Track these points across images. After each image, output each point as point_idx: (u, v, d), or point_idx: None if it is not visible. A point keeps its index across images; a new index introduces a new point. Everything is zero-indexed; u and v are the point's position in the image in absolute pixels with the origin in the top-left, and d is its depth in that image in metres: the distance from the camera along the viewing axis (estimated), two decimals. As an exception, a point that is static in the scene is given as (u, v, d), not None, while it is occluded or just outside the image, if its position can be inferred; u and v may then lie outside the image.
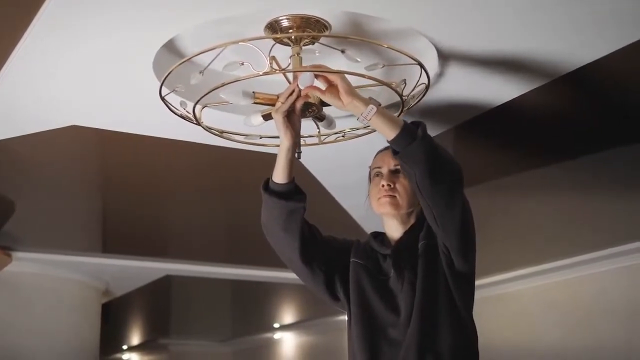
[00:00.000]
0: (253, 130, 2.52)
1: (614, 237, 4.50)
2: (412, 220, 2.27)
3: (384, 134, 2.04)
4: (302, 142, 2.41)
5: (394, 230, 2.28)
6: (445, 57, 2.37)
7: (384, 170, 2.27)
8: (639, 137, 3.27)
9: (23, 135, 2.92)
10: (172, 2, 2.05)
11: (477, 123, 2.92)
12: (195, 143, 3.03)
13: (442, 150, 2.07)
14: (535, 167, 3.59)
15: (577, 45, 2.33)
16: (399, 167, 2.23)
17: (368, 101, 2.06)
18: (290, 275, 5.68)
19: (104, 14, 2.09)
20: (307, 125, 2.52)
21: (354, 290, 2.26)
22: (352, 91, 2.07)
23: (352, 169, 3.25)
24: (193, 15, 2.13)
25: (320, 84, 2.11)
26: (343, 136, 2.62)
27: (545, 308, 5.39)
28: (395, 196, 2.23)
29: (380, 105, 2.07)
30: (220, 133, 2.59)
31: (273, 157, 2.21)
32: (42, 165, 3.60)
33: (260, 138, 2.62)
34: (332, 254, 2.32)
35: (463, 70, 2.46)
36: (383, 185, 2.24)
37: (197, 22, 2.17)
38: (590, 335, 5.01)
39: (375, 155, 2.34)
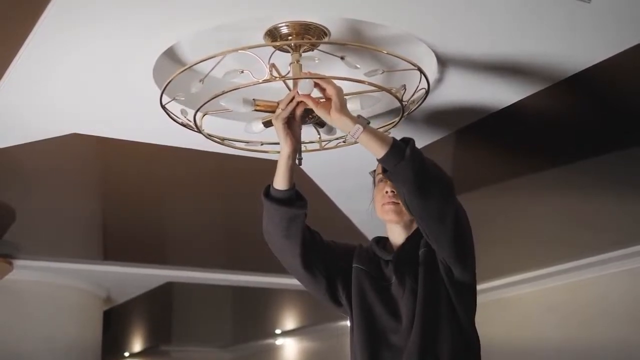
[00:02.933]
0: (254, 136, 2.53)
1: (615, 241, 4.49)
2: (415, 226, 2.27)
3: (373, 153, 2.04)
4: (303, 147, 2.41)
5: (397, 236, 2.28)
6: (444, 62, 2.37)
7: (388, 177, 2.26)
8: (640, 140, 3.27)
9: (24, 144, 2.93)
10: (171, 10, 2.05)
11: (478, 127, 2.92)
12: (196, 150, 3.04)
13: (431, 167, 2.06)
14: (536, 170, 3.59)
15: (576, 49, 2.33)
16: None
17: (356, 119, 2.05)
18: (291, 281, 5.68)
19: (104, 23, 2.10)
20: (308, 131, 2.52)
21: (355, 295, 2.26)
22: (342, 108, 2.06)
23: (352, 175, 3.26)
24: (193, 23, 2.13)
25: (317, 94, 2.11)
26: (344, 141, 2.62)
27: (546, 312, 5.38)
28: (398, 203, 2.23)
29: (369, 123, 2.06)
30: (222, 140, 2.59)
31: (274, 163, 2.21)
32: (43, 173, 3.60)
33: (262, 144, 2.62)
34: (333, 260, 2.31)
35: (462, 75, 2.46)
36: (387, 192, 2.24)
37: (197, 30, 2.17)
38: (592, 339, 5.01)
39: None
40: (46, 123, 2.77)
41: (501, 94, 2.62)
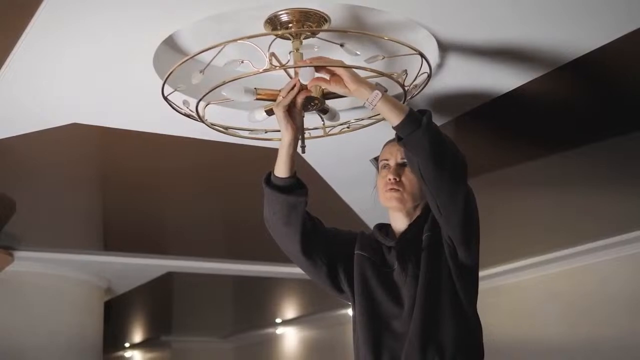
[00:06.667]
0: (257, 125, 2.53)
1: (616, 226, 4.50)
2: (418, 213, 2.27)
3: (389, 120, 2.05)
4: (307, 134, 2.41)
5: (400, 222, 2.28)
6: (445, 48, 2.37)
7: (392, 163, 2.27)
8: (640, 125, 3.28)
9: (24, 134, 2.92)
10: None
11: (478, 114, 2.92)
12: (196, 140, 3.03)
13: (446, 139, 2.07)
14: (537, 157, 3.59)
15: (576, 34, 2.33)
16: (406, 160, 2.23)
17: (374, 87, 2.06)
18: (291, 270, 5.72)
19: (104, 12, 2.09)
20: (312, 118, 2.52)
21: (358, 282, 2.27)
22: (356, 78, 2.07)
23: (353, 162, 3.26)
24: (192, 12, 2.13)
25: (323, 75, 2.11)
26: (348, 127, 2.62)
27: (547, 298, 5.39)
28: (400, 190, 2.23)
29: (386, 90, 2.07)
30: (225, 129, 2.58)
31: (273, 151, 2.22)
32: (43, 163, 3.60)
33: (266, 132, 2.62)
34: (334, 247, 2.32)
35: (463, 60, 2.46)
36: (390, 179, 2.24)
37: (197, 19, 2.16)
38: (593, 325, 5.02)
39: (384, 146, 2.33)
40: (46, 113, 2.77)
41: (501, 80, 2.62)
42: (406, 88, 2.37)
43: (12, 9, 2.16)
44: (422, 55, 2.24)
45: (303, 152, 2.23)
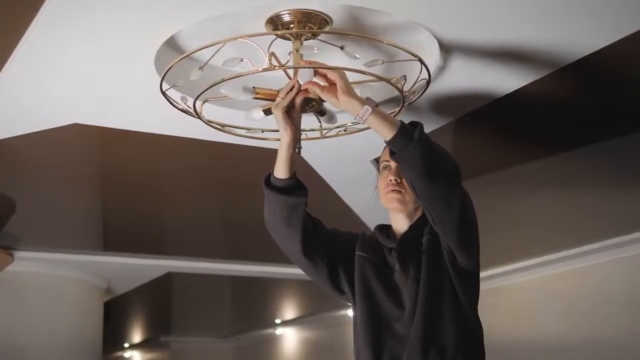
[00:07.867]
0: (254, 124, 2.52)
1: (616, 228, 4.49)
2: (419, 214, 2.27)
3: (381, 135, 2.05)
4: (303, 136, 2.40)
5: (401, 223, 2.28)
6: (447, 49, 2.36)
7: (392, 164, 2.25)
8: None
9: (24, 134, 2.92)
10: (173, -2, 2.05)
11: (479, 115, 2.92)
12: (195, 140, 3.03)
13: (439, 151, 2.07)
14: (537, 157, 3.60)
15: (577, 35, 2.33)
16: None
17: (364, 101, 2.06)
18: (291, 271, 5.72)
19: (105, 12, 2.09)
20: (309, 120, 2.51)
21: (358, 283, 2.26)
22: (349, 90, 2.07)
23: (353, 163, 3.26)
24: (194, 12, 2.13)
25: (319, 80, 2.11)
26: (345, 130, 2.61)
27: (547, 299, 5.39)
28: (401, 191, 2.23)
29: (377, 105, 2.07)
30: (222, 127, 2.58)
31: (272, 152, 2.21)
32: (43, 163, 3.60)
33: (262, 132, 2.61)
34: (335, 247, 2.31)
35: (465, 62, 2.45)
36: (391, 180, 2.24)
37: (199, 19, 2.16)
38: (592, 326, 5.01)
39: (385, 147, 2.33)
40: (47, 113, 2.77)
41: (503, 81, 2.62)
42: (404, 94, 2.36)
43: (13, 10, 2.16)
44: (422, 61, 2.24)
45: (299, 153, 2.22)
